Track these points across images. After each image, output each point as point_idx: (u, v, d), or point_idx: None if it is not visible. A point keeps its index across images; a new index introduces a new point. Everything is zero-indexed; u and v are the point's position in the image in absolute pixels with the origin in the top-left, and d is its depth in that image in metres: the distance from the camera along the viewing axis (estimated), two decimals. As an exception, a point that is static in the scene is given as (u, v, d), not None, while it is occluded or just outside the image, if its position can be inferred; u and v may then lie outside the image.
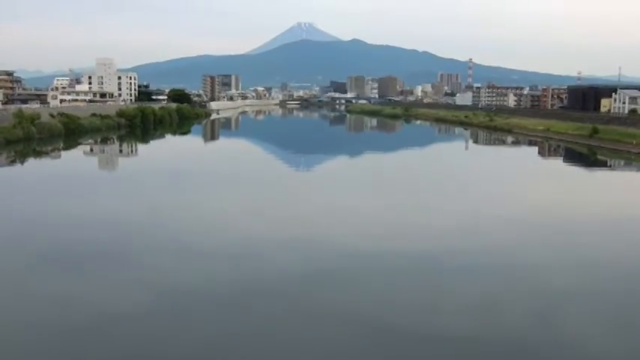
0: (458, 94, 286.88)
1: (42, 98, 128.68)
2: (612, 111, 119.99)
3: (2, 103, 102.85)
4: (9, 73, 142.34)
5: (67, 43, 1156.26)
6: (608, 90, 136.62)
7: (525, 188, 48.08)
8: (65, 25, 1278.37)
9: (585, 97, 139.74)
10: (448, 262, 25.11)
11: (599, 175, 61.44)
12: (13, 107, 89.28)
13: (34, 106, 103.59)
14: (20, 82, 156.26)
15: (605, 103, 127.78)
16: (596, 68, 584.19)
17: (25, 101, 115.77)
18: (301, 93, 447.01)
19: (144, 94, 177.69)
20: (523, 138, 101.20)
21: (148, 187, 45.85)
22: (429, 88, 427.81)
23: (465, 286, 22.15)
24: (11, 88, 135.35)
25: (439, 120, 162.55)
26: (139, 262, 24.90)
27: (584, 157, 76.12)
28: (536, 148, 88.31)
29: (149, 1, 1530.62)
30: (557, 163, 73.07)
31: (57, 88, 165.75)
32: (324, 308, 19.95)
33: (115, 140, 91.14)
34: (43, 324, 18.31)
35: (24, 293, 20.96)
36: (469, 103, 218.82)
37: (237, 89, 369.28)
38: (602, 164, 71.31)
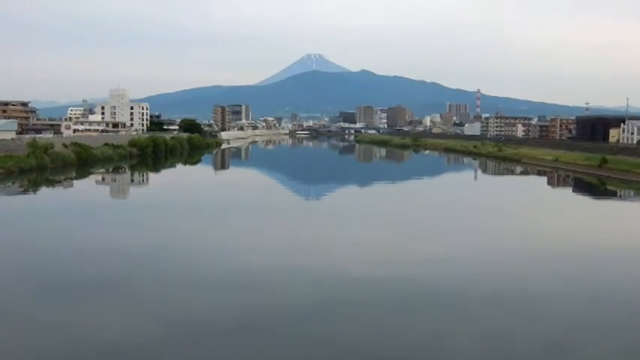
0: (466, 125, 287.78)
1: (55, 128, 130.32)
2: (621, 141, 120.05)
3: (17, 133, 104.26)
4: (24, 104, 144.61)
5: (81, 74, 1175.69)
6: (617, 120, 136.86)
7: (536, 219, 48.16)
8: (79, 57, 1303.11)
9: (594, 128, 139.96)
10: (459, 293, 25.15)
11: (610, 205, 61.37)
12: (27, 137, 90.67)
13: (47, 135, 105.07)
14: (35, 112, 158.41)
15: (613, 134, 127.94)
16: (604, 99, 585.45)
17: (39, 131, 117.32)
18: (311, 123, 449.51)
19: (155, 124, 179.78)
20: (532, 168, 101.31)
21: (158, 216, 46.34)
22: (437, 118, 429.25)
23: (476, 318, 22.25)
24: (26, 118, 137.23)
25: (448, 150, 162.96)
26: (147, 292, 25.14)
27: (593, 187, 76.06)
28: (545, 178, 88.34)
29: (161, 34, 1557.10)
30: (567, 193, 73.07)
31: (70, 119, 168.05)
32: (333, 340, 20.10)
33: (127, 169, 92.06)
34: (50, 355, 18.58)
35: (33, 323, 21.20)
36: (477, 133, 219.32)
37: (247, 119, 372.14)
38: (612, 194, 71.20)
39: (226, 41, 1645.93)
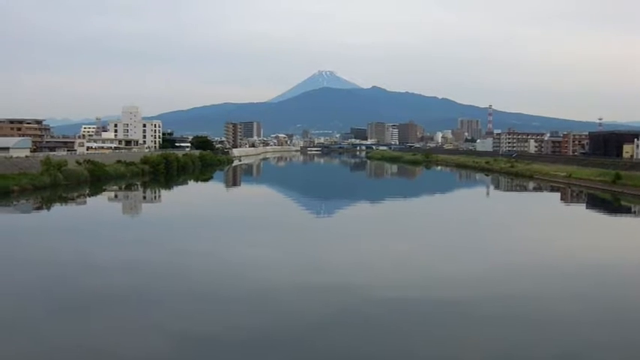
0: (478, 140, 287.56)
1: (69, 146, 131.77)
2: (635, 157, 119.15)
3: (31, 151, 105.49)
4: (38, 122, 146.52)
5: (95, 92, 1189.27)
6: (630, 136, 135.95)
7: (551, 235, 47.70)
8: (93, 75, 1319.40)
9: (607, 143, 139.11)
10: (473, 310, 24.92)
11: (625, 222, 60.80)
12: (41, 155, 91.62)
13: (61, 153, 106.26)
14: (49, 129, 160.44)
15: (627, 149, 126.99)
16: (617, 114, 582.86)
17: (53, 149, 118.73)
18: (322, 140, 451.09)
19: (168, 141, 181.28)
20: (545, 184, 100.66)
21: (170, 233, 46.45)
22: (449, 134, 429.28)
23: (490, 336, 22.02)
24: (40, 135, 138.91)
25: (460, 166, 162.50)
26: (160, 307, 25.07)
27: (607, 203, 75.36)
28: (558, 194, 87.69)
29: (174, 52, 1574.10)
30: (581, 209, 72.44)
31: (84, 136, 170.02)
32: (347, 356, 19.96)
33: (139, 187, 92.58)
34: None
35: (46, 338, 21.29)
36: (490, 149, 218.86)
37: (258, 136, 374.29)
38: (627, 211, 70.52)
39: (239, 59, 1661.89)
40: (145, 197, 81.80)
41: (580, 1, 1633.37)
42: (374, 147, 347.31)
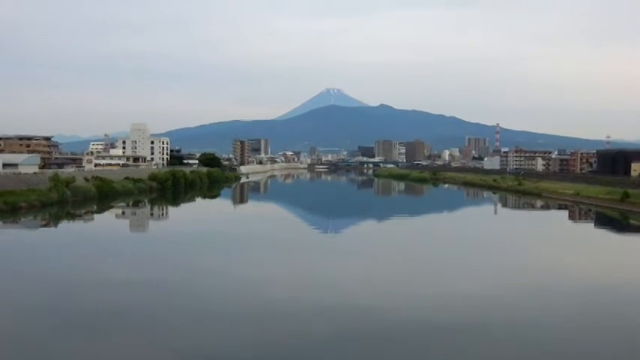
0: (486, 158, 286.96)
1: (77, 162, 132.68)
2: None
3: (40, 167, 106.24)
4: (47, 138, 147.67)
5: (105, 109, 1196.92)
6: (639, 154, 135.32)
7: (561, 254, 47.37)
8: (102, 92, 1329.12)
9: (615, 161, 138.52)
10: (483, 334, 24.74)
11: (636, 240, 60.39)
12: (49, 171, 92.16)
13: (69, 169, 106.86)
14: (57, 146, 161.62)
15: (635, 167, 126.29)
16: (625, 132, 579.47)
17: (61, 165, 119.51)
18: (329, 157, 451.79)
19: (175, 157, 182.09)
20: (552, 202, 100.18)
21: (176, 249, 46.42)
22: (456, 152, 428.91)
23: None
24: (49, 152, 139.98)
25: (467, 184, 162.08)
26: (166, 325, 25.00)
27: (616, 221, 74.83)
28: (566, 212, 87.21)
29: (182, 69, 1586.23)
30: (590, 228, 71.97)
31: (92, 153, 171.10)
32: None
33: (147, 203, 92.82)
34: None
35: (50, 356, 21.28)
36: (497, 167, 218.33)
37: (266, 153, 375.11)
38: (636, 229, 70.00)
39: (247, 77, 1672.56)
40: (152, 214, 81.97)
41: (587, 19, 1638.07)
42: (381, 164, 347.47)
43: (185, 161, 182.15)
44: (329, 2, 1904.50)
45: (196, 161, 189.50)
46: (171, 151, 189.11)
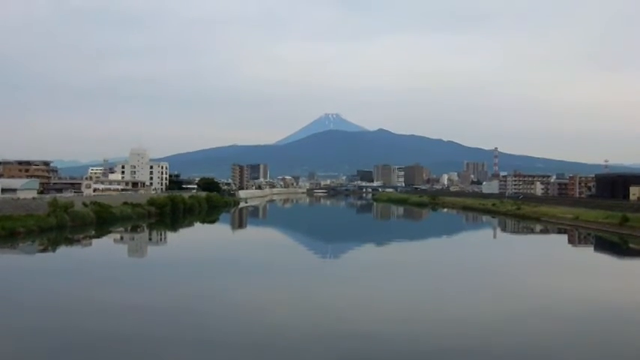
0: (484, 183, 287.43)
1: (76, 187, 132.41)
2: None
3: (38, 192, 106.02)
4: (46, 163, 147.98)
5: (103, 134, 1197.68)
6: (637, 178, 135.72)
7: (561, 278, 47.16)
8: (102, 117, 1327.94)
9: (614, 185, 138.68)
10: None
11: (636, 264, 60.14)
12: (48, 196, 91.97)
13: (68, 194, 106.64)
14: (56, 171, 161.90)
15: (634, 191, 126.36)
16: (623, 156, 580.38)
17: (60, 190, 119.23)
18: (328, 182, 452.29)
19: (174, 182, 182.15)
20: (552, 226, 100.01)
21: (174, 276, 46.12)
22: (455, 176, 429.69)
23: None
24: (47, 177, 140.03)
25: (466, 208, 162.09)
26: (164, 352, 24.80)
27: (615, 245, 74.62)
28: (565, 237, 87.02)
29: (181, 94, 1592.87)
30: (589, 252, 71.73)
31: (91, 178, 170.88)
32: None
33: (145, 228, 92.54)
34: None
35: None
36: (496, 191, 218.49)
37: (265, 178, 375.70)
38: (636, 253, 69.77)
39: (246, 102, 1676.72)
40: (150, 239, 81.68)
41: (585, 45, 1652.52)
42: (380, 189, 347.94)
43: (184, 186, 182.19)
44: (328, 28, 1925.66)
45: (195, 186, 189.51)
46: (170, 175, 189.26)
